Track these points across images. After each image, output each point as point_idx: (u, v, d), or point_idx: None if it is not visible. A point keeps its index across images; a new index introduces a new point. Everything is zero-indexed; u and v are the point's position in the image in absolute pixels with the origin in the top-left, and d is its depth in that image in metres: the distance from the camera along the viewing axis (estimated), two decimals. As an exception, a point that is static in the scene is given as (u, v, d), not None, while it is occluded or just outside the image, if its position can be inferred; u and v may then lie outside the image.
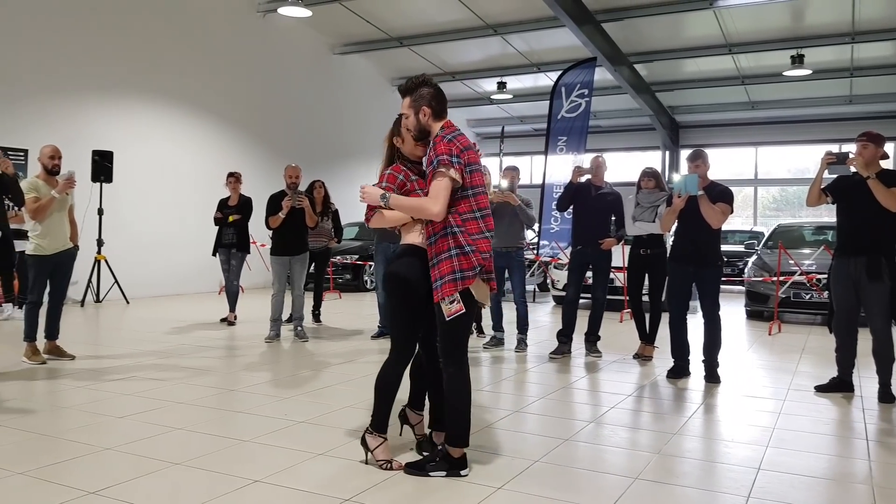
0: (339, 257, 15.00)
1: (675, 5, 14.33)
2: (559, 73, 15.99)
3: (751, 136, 22.74)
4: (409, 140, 4.16)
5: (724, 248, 7.32)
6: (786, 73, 17.25)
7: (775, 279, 10.75)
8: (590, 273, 8.07)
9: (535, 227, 13.93)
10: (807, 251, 11.94)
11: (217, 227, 10.14)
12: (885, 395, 5.96)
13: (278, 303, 8.65)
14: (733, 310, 12.35)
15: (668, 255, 7.19)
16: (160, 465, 4.05)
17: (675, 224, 6.81)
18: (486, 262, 3.97)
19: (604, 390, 6.46)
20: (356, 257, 15.46)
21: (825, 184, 6.23)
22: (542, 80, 19.80)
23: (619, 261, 9.42)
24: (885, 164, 6.12)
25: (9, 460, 4.08)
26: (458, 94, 22.11)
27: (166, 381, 6.29)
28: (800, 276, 10.77)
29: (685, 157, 6.96)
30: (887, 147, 6.31)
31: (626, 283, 8.07)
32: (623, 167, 21.10)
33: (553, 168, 15.42)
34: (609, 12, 14.87)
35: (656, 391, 6.39)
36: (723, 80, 19.18)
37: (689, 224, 6.61)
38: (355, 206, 11.14)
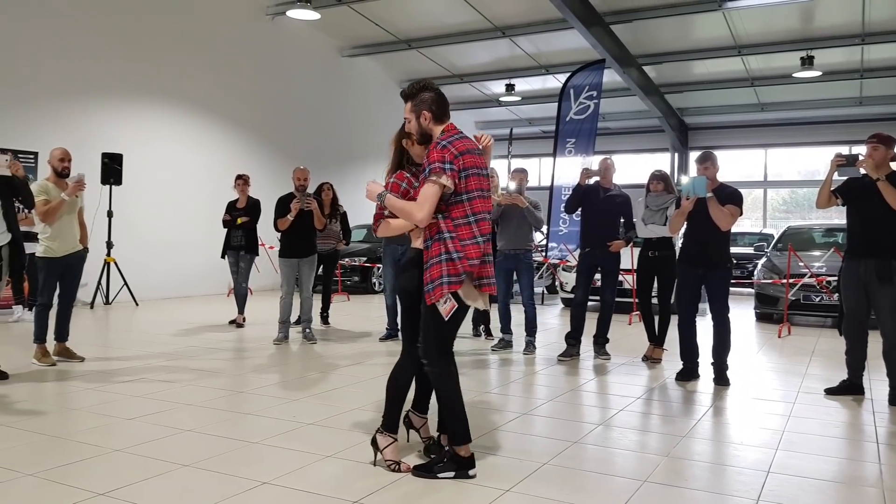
0: (347, 259, 15.01)
1: (683, 7, 14.28)
2: (568, 75, 15.99)
3: (760, 137, 22.68)
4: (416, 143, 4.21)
5: (733, 250, 7.30)
6: (795, 75, 17.19)
7: (785, 281, 10.71)
8: (598, 275, 8.06)
9: (544, 229, 13.91)
10: (817, 253, 11.88)
11: (225, 230, 10.17)
12: (896, 398, 5.94)
13: (287, 305, 8.66)
14: (743, 312, 12.31)
15: (676, 258, 7.17)
16: (169, 466, 4.06)
17: (685, 226, 6.81)
18: (475, 269, 3.99)
19: (612, 393, 6.45)
20: (364, 259, 15.47)
21: (835, 186, 6.21)
22: (551, 82, 19.80)
23: (627, 263, 9.40)
24: (896, 165, 6.10)
25: (19, 462, 4.09)
26: (467, 97, 22.12)
27: (175, 383, 6.30)
28: (810, 278, 10.73)
29: (694, 160, 6.94)
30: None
31: (636, 285, 8.05)
32: (632, 169, 21.10)
33: (561, 170, 15.42)
34: (618, 14, 14.84)
35: (665, 394, 6.37)
36: (732, 82, 19.13)
37: (699, 226, 6.60)
38: (363, 208, 11.13)
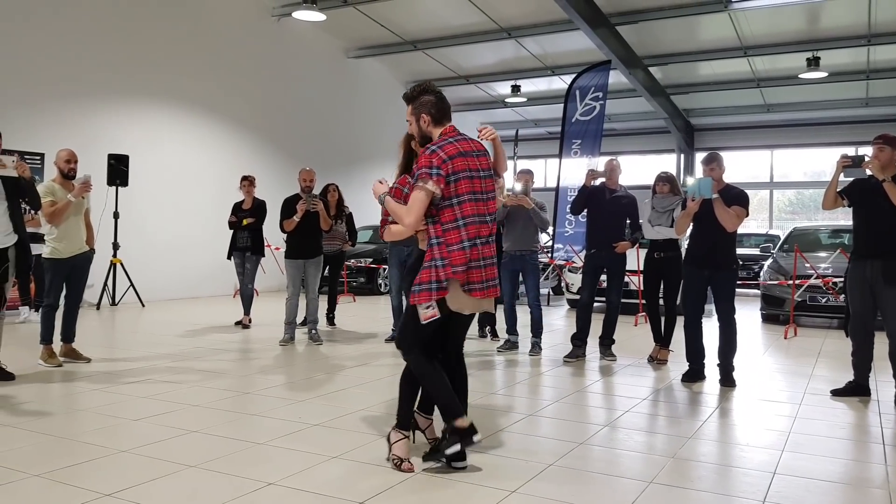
0: (353, 260, 15.02)
1: (689, 8, 14.27)
2: (573, 76, 15.99)
3: (766, 138, 22.66)
4: None
5: (739, 251, 7.29)
6: (801, 76, 17.17)
7: (791, 283, 10.69)
8: (604, 276, 8.05)
9: (550, 230, 13.90)
10: (823, 254, 11.86)
11: (231, 231, 10.19)
12: (903, 400, 5.92)
13: (293, 306, 8.67)
14: (749, 313, 12.29)
15: (682, 259, 7.17)
16: (175, 467, 4.07)
17: (691, 227, 6.80)
18: (459, 276, 4.02)
19: (618, 394, 6.44)
20: (370, 260, 15.48)
21: (841, 187, 6.20)
22: (557, 84, 19.80)
23: (633, 264, 9.39)
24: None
25: (25, 462, 4.11)
26: (472, 98, 22.14)
27: (181, 384, 6.31)
28: (816, 279, 10.71)
29: (700, 161, 6.93)
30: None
31: (643, 286, 8.04)
32: (638, 170, 21.10)
33: (567, 171, 15.42)
34: (623, 15, 14.84)
35: (671, 395, 6.36)
36: (738, 83, 19.11)
37: (705, 227, 6.59)
38: (369, 209, 11.14)
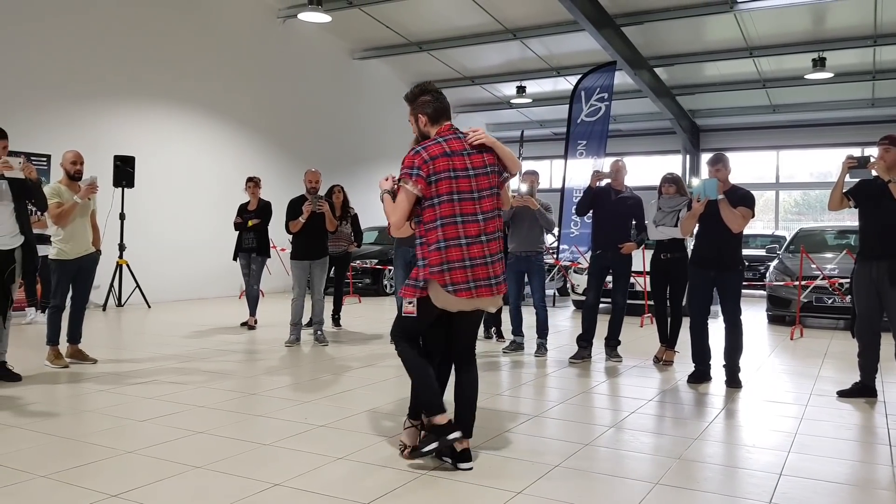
0: (358, 262, 15.03)
1: (695, 8, 14.25)
2: (579, 77, 15.98)
3: (772, 139, 22.62)
4: None
5: (745, 252, 7.28)
6: (807, 77, 17.13)
7: (797, 283, 10.67)
8: (610, 277, 8.04)
9: (555, 231, 13.90)
10: (829, 255, 11.83)
11: (237, 232, 10.21)
12: (910, 401, 5.91)
13: (298, 307, 8.68)
14: (755, 314, 12.26)
15: (689, 259, 7.15)
16: (181, 468, 4.08)
17: (697, 228, 6.79)
18: (436, 276, 4.06)
19: (624, 395, 6.44)
20: (376, 261, 15.50)
21: (847, 188, 6.19)
22: (562, 84, 19.80)
23: (639, 265, 9.38)
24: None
25: (32, 463, 4.12)
26: (478, 99, 22.14)
27: (187, 385, 6.33)
28: (822, 280, 10.69)
29: (706, 161, 6.92)
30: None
31: (650, 287, 8.03)
32: (643, 171, 21.07)
33: (573, 172, 15.41)
34: (629, 16, 14.83)
35: (677, 396, 6.35)
36: (744, 84, 19.08)
37: (711, 228, 6.58)
38: (375, 210, 11.14)
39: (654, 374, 7.27)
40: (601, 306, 8.20)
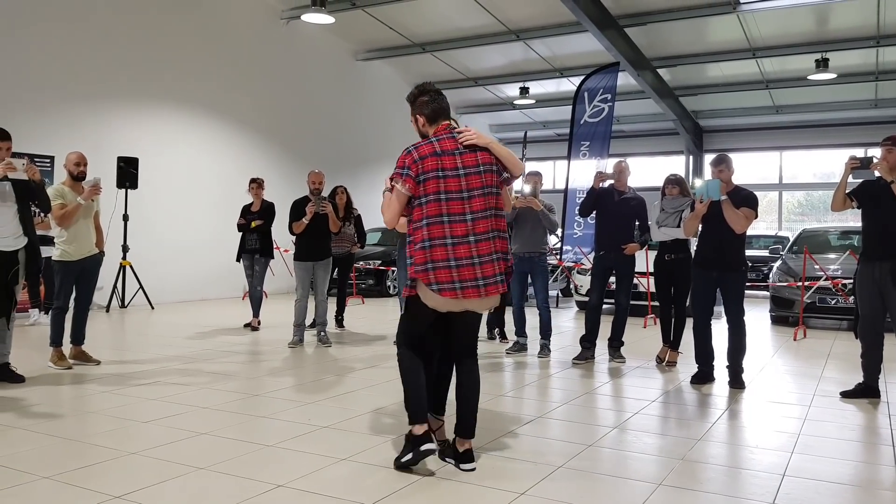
0: (362, 263, 15.03)
1: (698, 9, 14.25)
2: (582, 78, 15.99)
3: (775, 140, 22.60)
4: None
5: (748, 252, 7.26)
6: (810, 77, 17.12)
7: (800, 284, 10.66)
8: (613, 278, 8.04)
9: (559, 232, 13.89)
10: (832, 256, 11.82)
11: (240, 233, 10.21)
12: (913, 402, 5.90)
13: (302, 308, 8.69)
14: (758, 315, 12.25)
15: (692, 260, 7.15)
16: (184, 469, 4.08)
17: (700, 229, 6.79)
18: (420, 275, 4.07)
19: (627, 396, 6.43)
20: (379, 262, 15.49)
21: (850, 188, 6.18)
22: (565, 85, 19.79)
23: (642, 266, 9.37)
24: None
25: (35, 465, 4.12)
26: (481, 100, 22.16)
27: (190, 386, 6.33)
28: (825, 281, 10.68)
29: (709, 162, 6.92)
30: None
31: (655, 289, 8.03)
32: (646, 172, 21.04)
33: (576, 173, 15.42)
34: (632, 17, 14.83)
35: (680, 397, 6.35)
36: (747, 85, 19.08)
37: (714, 229, 6.58)
38: (378, 211, 11.16)
39: (657, 375, 7.27)
40: (604, 307, 8.19)
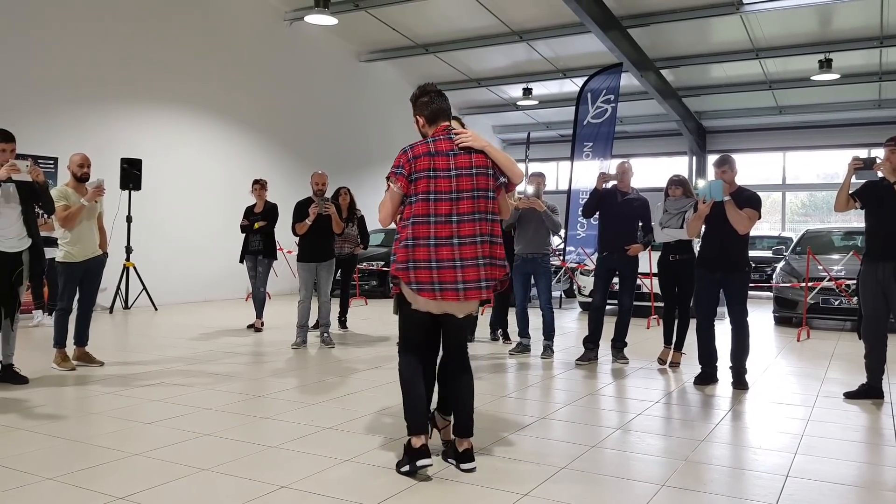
0: (365, 264, 15.04)
1: (701, 10, 14.24)
2: (585, 78, 15.97)
3: (778, 140, 22.58)
4: None
5: (752, 253, 7.27)
6: (814, 78, 17.12)
7: (804, 285, 10.65)
8: (616, 279, 8.03)
9: (562, 233, 13.88)
10: (836, 257, 11.81)
11: (243, 234, 10.22)
12: (917, 403, 5.89)
13: (305, 309, 8.69)
14: (761, 316, 12.24)
15: (695, 261, 7.14)
16: (188, 470, 4.08)
17: (703, 229, 6.78)
18: (400, 273, 4.08)
19: (631, 397, 6.43)
20: (382, 263, 15.47)
21: (853, 189, 6.18)
22: (568, 86, 19.79)
23: (645, 267, 9.36)
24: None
25: (38, 466, 4.13)
26: (484, 101, 22.15)
27: (194, 387, 6.34)
28: (829, 281, 10.66)
29: (712, 163, 6.91)
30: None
31: (660, 290, 8.02)
32: (650, 173, 21.04)
33: (579, 174, 15.39)
34: (635, 18, 14.82)
35: (684, 398, 6.34)
36: (750, 85, 19.07)
37: (717, 229, 6.58)
38: (381, 212, 10.96)
39: (660, 376, 7.26)
40: (608, 308, 8.19)
